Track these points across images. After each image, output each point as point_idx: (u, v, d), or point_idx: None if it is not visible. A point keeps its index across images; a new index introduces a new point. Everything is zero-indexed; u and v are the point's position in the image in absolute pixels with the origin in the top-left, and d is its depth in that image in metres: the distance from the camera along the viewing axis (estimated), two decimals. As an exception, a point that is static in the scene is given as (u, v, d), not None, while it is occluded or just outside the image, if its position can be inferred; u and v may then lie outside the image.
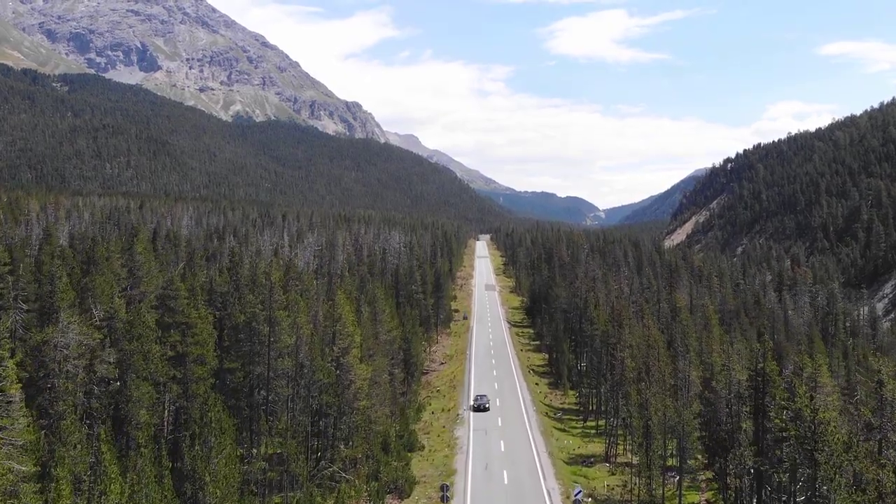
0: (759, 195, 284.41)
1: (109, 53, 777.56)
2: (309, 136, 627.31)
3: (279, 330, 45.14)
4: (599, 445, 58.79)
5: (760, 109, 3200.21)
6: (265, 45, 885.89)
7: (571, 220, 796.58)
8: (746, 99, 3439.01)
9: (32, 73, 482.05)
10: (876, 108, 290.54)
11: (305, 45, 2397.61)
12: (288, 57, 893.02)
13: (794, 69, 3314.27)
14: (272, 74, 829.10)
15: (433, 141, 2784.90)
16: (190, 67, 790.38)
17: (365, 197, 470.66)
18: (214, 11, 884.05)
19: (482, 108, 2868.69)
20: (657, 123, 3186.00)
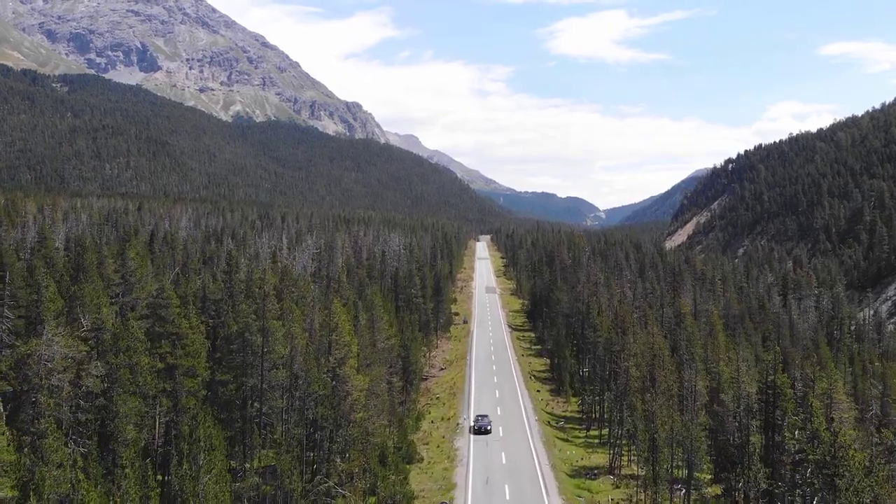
0: (760, 196, 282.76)
1: (109, 54, 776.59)
2: (309, 136, 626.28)
3: (273, 340, 43.71)
4: (603, 456, 57.39)
5: (761, 110, 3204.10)
6: (265, 45, 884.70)
7: (572, 220, 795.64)
8: (747, 99, 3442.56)
9: (32, 73, 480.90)
10: (878, 108, 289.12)
11: (305, 45, 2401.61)
12: (288, 57, 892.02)
13: (794, 69, 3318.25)
14: (272, 75, 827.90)
15: (433, 141, 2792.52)
16: (190, 68, 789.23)
17: (365, 197, 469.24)
18: (214, 12, 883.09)
19: (482, 108, 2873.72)
20: (657, 124, 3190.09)
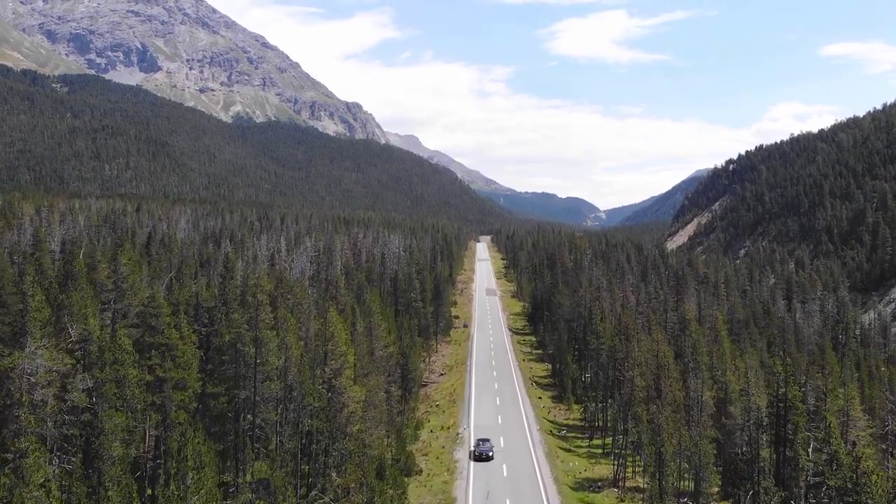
0: (761, 197, 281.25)
1: (109, 54, 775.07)
2: (309, 136, 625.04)
3: (266, 351, 42.34)
4: (607, 467, 56.01)
5: (762, 110, 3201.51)
6: (265, 45, 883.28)
7: (572, 220, 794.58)
8: (747, 100, 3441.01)
9: (32, 73, 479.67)
10: (879, 109, 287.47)
11: (306, 45, 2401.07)
12: (288, 57, 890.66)
13: (795, 70, 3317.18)
14: (272, 75, 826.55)
15: (434, 142, 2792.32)
16: (190, 68, 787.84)
17: (365, 198, 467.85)
18: (215, 12, 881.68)
19: (483, 108, 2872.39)
20: (658, 124, 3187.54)
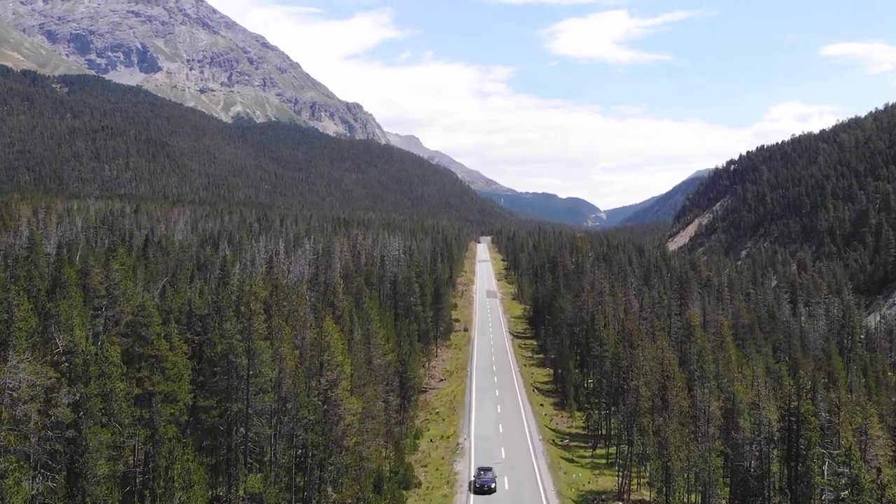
0: (763, 198, 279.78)
1: (110, 54, 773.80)
2: (309, 137, 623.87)
3: (259, 363, 40.97)
4: (611, 479, 54.58)
5: (762, 110, 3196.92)
6: (266, 46, 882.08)
7: (572, 220, 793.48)
8: (748, 100, 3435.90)
9: (32, 74, 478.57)
10: (881, 109, 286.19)
11: (306, 46, 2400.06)
12: (288, 58, 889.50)
13: (795, 70, 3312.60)
14: (273, 75, 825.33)
15: (434, 142, 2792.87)
16: (190, 68, 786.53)
17: (365, 198, 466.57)
18: (215, 12, 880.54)
19: (483, 108, 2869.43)
20: (658, 124, 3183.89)
